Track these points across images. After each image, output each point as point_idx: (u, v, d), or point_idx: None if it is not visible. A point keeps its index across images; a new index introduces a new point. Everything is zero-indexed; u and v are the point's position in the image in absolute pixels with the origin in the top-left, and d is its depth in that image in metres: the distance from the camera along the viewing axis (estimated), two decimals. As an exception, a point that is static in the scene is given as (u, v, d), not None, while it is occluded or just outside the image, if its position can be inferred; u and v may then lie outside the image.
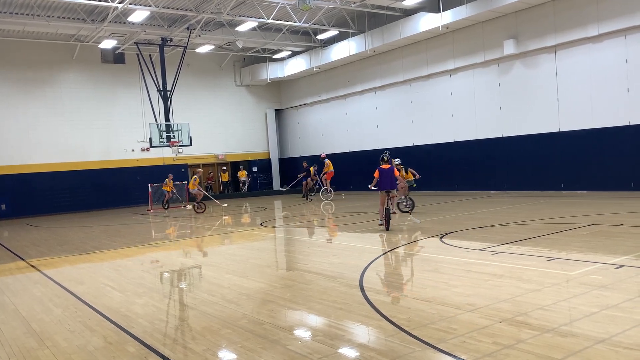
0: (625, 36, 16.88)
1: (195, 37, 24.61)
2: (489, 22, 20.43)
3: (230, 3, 21.03)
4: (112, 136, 27.44)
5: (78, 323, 6.16)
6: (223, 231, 15.18)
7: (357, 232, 12.98)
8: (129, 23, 22.35)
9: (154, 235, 15.66)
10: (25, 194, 24.98)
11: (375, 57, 25.56)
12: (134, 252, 11.98)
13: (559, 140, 18.86)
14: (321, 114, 30.13)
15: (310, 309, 6.23)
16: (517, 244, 9.35)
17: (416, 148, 23.96)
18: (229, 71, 31.46)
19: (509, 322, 5.12)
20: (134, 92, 27.71)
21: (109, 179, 26.95)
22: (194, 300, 7.10)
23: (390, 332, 5.11)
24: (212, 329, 5.60)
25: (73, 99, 26.52)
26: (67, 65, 26.40)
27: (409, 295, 6.40)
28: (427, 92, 23.68)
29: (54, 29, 22.38)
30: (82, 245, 13.54)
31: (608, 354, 4.19)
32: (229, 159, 31.43)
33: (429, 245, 10.17)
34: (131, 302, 7.05)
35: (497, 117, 20.83)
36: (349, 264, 8.88)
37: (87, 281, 8.80)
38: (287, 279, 8.20)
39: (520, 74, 19.98)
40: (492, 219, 13.04)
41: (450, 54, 22.17)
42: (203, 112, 29.86)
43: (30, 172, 25.25)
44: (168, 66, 25.33)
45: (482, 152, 21.39)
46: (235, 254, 11.37)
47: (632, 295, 5.75)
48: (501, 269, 7.49)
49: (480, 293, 6.28)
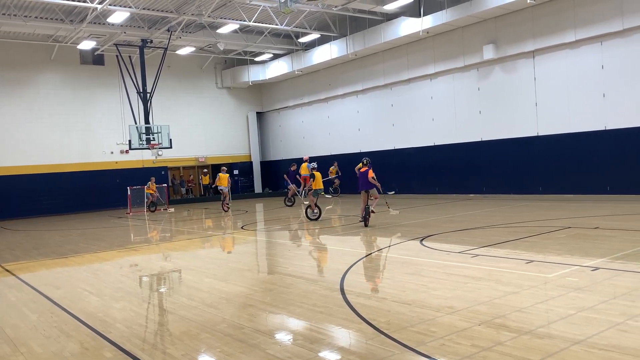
0: (601, 42, 17.21)
1: (175, 38, 24.43)
2: (469, 27, 20.66)
3: (211, 5, 20.93)
4: (91, 138, 27.08)
5: (54, 328, 6.05)
6: (203, 234, 15.07)
7: (339, 235, 12.99)
8: (109, 24, 22.10)
9: (133, 238, 15.47)
10: (0, 196, 24.49)
11: (357, 60, 25.67)
12: (113, 256, 11.82)
13: (537, 144, 19.13)
14: (303, 117, 30.13)
15: (291, 312, 6.21)
16: (496, 247, 9.45)
17: (397, 151, 24.09)
18: (210, 73, 31.29)
19: (488, 325, 5.16)
20: (113, 93, 27.40)
21: (87, 181, 26.58)
22: (173, 304, 7.02)
23: (370, 335, 5.12)
24: (191, 333, 5.55)
25: (51, 100, 26.13)
26: (45, 66, 26.00)
27: (389, 298, 6.42)
28: (407, 96, 23.84)
29: (31, 29, 22.02)
30: (59, 249, 13.32)
31: (584, 355, 4.25)
32: (209, 162, 31.24)
33: (409, 248, 10.22)
34: (109, 307, 6.95)
35: (476, 121, 21.06)
36: (329, 267, 8.88)
37: (64, 286, 8.66)
38: (268, 283, 8.16)
39: (499, 79, 20.23)
40: (471, 222, 13.16)
41: (430, 59, 22.36)
42: (184, 115, 29.66)
43: (7, 175, 24.77)
44: (148, 68, 25.10)
45: (462, 156, 21.59)
46: (216, 258, 11.29)
47: (607, 297, 5.85)
48: (480, 271, 7.55)
49: (459, 296, 6.33)
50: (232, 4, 21.34)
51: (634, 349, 4.33)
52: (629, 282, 6.46)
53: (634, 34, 16.44)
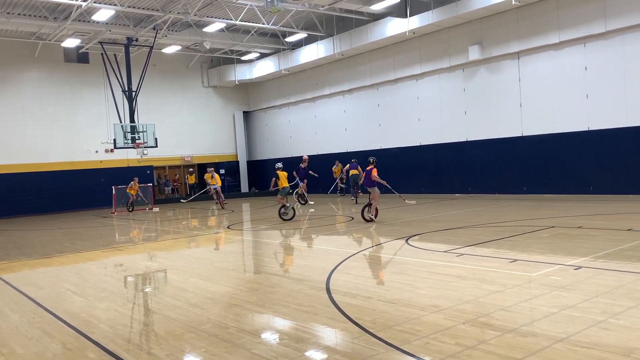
0: (585, 44, 17.42)
1: (161, 37, 24.26)
2: (455, 28, 20.79)
3: (197, 3, 20.82)
4: (75, 137, 26.79)
5: (36, 329, 5.98)
6: (189, 234, 14.98)
7: (325, 235, 13.00)
8: (93, 22, 21.88)
9: (118, 238, 15.34)
10: (-18, 196, 24.16)
11: (344, 60, 25.70)
12: (97, 256, 11.70)
13: (521, 145, 19.32)
14: (290, 117, 30.09)
15: (276, 312, 6.21)
16: (481, 246, 9.52)
17: (383, 151, 24.16)
18: (196, 72, 31.12)
19: (472, 323, 5.20)
20: (98, 92, 27.13)
21: (71, 180, 26.29)
22: (157, 304, 6.98)
23: (355, 334, 5.13)
24: (176, 333, 5.51)
25: (34, 98, 25.80)
26: (28, 64, 25.66)
27: (375, 297, 6.44)
28: (394, 96, 23.92)
29: (14, 26, 21.71)
30: (42, 249, 13.16)
31: (566, 353, 4.30)
32: (195, 161, 31.07)
33: (395, 248, 10.26)
34: (93, 307, 6.88)
35: (462, 121, 21.20)
36: (315, 266, 8.88)
37: (47, 286, 8.56)
38: (254, 282, 8.15)
39: (484, 79, 20.39)
40: (456, 222, 13.25)
41: (416, 59, 22.46)
42: (169, 114, 29.46)
43: (-12, 174, 24.44)
44: (133, 66, 24.89)
45: (448, 156, 21.72)
46: (201, 258, 11.24)
47: (590, 295, 5.92)
48: (465, 270, 7.61)
49: (444, 294, 6.37)
50: (219, 2, 21.25)
51: (615, 347, 4.39)
52: (611, 280, 6.55)
53: (616, 35, 16.66)
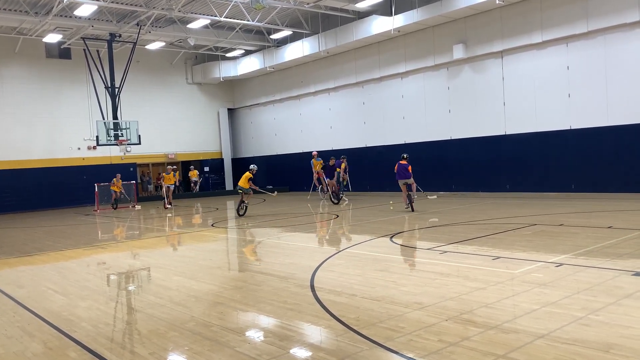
0: (567, 44, 17.63)
1: (145, 33, 24.04)
2: (439, 27, 20.90)
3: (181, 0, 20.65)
4: (57, 134, 26.44)
5: (16, 328, 5.90)
6: (172, 232, 14.88)
7: (309, 233, 13.00)
8: (76, 17, 21.60)
9: (101, 236, 15.18)
10: (-39, 193, 23.75)
11: (329, 58, 25.69)
12: (79, 254, 11.57)
13: (505, 143, 19.50)
14: (275, 114, 30.02)
15: (261, 310, 6.19)
16: (464, 244, 9.60)
17: (369, 149, 24.23)
18: (180, 69, 30.90)
19: (455, 320, 5.24)
20: (80, 88, 26.80)
21: (53, 178, 25.95)
22: (140, 303, 6.92)
23: (339, 331, 5.14)
24: (159, 332, 5.48)
25: (15, 94, 25.40)
26: (8, 59, 25.26)
27: (359, 295, 6.46)
28: (379, 94, 23.99)
29: (-6, 20, 21.37)
30: (23, 247, 12.97)
31: (547, 349, 4.35)
32: (179, 159, 30.86)
33: (379, 245, 10.29)
34: (74, 306, 6.80)
35: (446, 119, 21.33)
36: (300, 264, 8.88)
37: (28, 284, 8.44)
38: (238, 281, 8.12)
39: (468, 78, 20.53)
40: (440, 219, 13.33)
41: (401, 57, 22.54)
42: (153, 110, 29.21)
43: (-33, 171, 24.03)
44: (116, 62, 24.64)
45: (432, 154, 21.85)
46: (185, 256, 11.17)
47: (571, 292, 6.00)
48: (448, 268, 7.66)
49: (427, 292, 6.41)
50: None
51: (595, 342, 4.45)
52: (591, 277, 6.65)
53: (598, 35, 16.89)
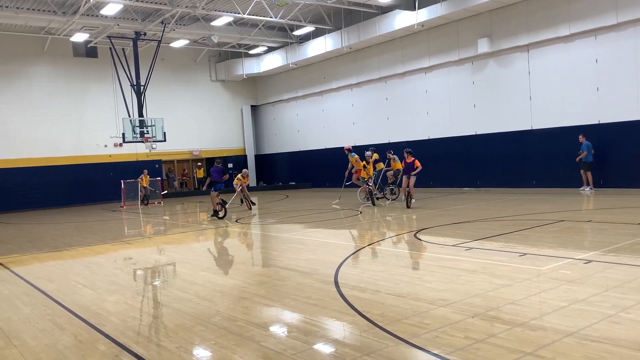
0: (595, 36, 17.25)
1: (169, 31, 24.29)
2: (464, 21, 20.65)
3: (205, -3, 20.81)
4: (84, 131, 26.93)
5: (47, 321, 6.04)
6: (197, 228, 15.05)
7: (333, 229, 13.01)
8: (102, 16, 21.93)
9: (127, 232, 15.43)
10: (-7, 190, 24.36)
11: (352, 54, 25.61)
12: (106, 249, 11.78)
13: (531, 138, 19.19)
14: (297, 111, 30.07)
15: (285, 305, 6.22)
16: (490, 240, 9.49)
17: (391, 145, 24.07)
18: (204, 66, 31.15)
19: (481, 317, 5.19)
20: (106, 86, 27.23)
21: (81, 175, 26.45)
22: (167, 297, 7.02)
23: (364, 327, 5.13)
24: (185, 326, 5.55)
25: (44, 93, 25.94)
26: (37, 58, 25.80)
27: (383, 291, 6.44)
28: (402, 90, 23.83)
29: (23, 20, 21.81)
30: (52, 242, 13.26)
31: (576, 347, 4.28)
32: (203, 155, 31.15)
33: (403, 241, 10.24)
34: (103, 300, 6.93)
35: (471, 114, 21.09)
36: (324, 260, 8.89)
37: (58, 279, 8.63)
38: (262, 276, 8.17)
39: (493, 73, 20.25)
40: (465, 216, 13.20)
41: (425, 52, 22.35)
42: (177, 108, 29.51)
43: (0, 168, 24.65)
44: (142, 60, 24.96)
45: (456, 150, 21.63)
46: (210, 251, 11.29)
47: (600, 289, 5.89)
48: (474, 264, 7.58)
49: (453, 288, 6.36)
50: (226, -4, 21.23)
51: (625, 341, 4.36)
52: (621, 274, 6.51)
53: (627, 27, 16.48)
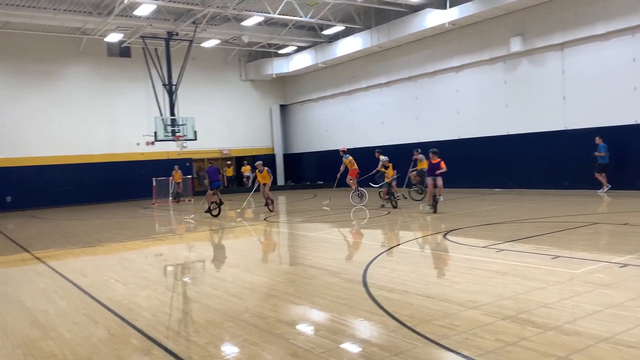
0: (633, 35, 16.77)
1: (201, 31, 24.59)
2: (496, 19, 20.34)
3: (236, -3, 21.00)
4: (118, 130, 27.49)
5: (82, 315, 6.19)
6: (227, 226, 15.20)
7: (362, 228, 12.98)
8: (135, 17, 22.35)
9: (158, 228, 15.69)
10: (30, 186, 25.06)
11: (381, 53, 25.50)
12: (138, 245, 12.01)
13: (564, 139, 18.78)
14: (326, 110, 30.10)
15: (313, 303, 6.24)
16: (521, 242, 9.33)
17: (421, 145, 23.85)
18: (234, 66, 31.46)
19: (512, 320, 5.11)
20: (139, 85, 27.74)
21: (113, 172, 27.01)
22: (197, 293, 7.12)
23: (392, 327, 5.11)
24: (215, 322, 5.61)
25: (79, 92, 26.59)
26: (73, 58, 26.46)
27: (412, 292, 6.39)
28: (432, 89, 23.62)
29: (60, 21, 22.42)
30: (86, 238, 13.59)
31: (611, 352, 4.18)
32: (233, 154, 31.46)
33: (433, 242, 10.16)
34: (135, 295, 7.07)
35: (502, 114, 20.77)
36: (352, 259, 8.88)
37: (91, 274, 8.84)
38: (291, 274, 8.21)
39: (526, 72, 19.89)
40: (496, 217, 13.01)
41: (456, 51, 22.10)
42: (208, 107, 29.87)
43: (35, 165, 25.34)
44: (173, 60, 25.35)
45: (487, 150, 21.33)
46: (239, 248, 11.40)
47: (636, 294, 5.73)
48: (505, 266, 7.47)
49: (483, 290, 6.27)
50: (257, -4, 21.38)
51: (663, 347, 4.24)
52: (658, 279, 6.32)
53: (667, 25, 15.98)
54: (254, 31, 25.86)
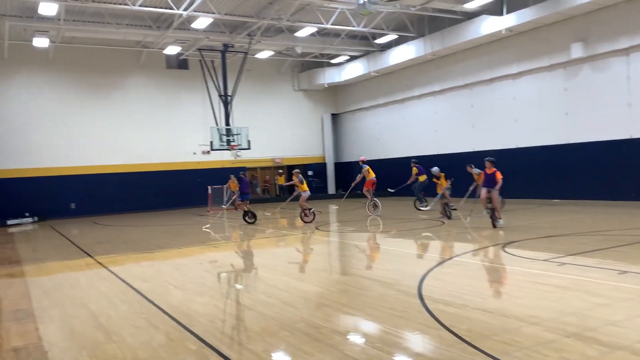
0: None
1: (255, 43, 25.06)
2: (556, 25, 19.70)
3: (290, 9, 21.31)
4: (175, 139, 28.32)
5: (142, 319, 6.38)
6: (279, 234, 15.35)
7: (414, 239, 12.79)
8: (193, 29, 23.05)
9: (213, 235, 16.02)
10: (93, 193, 26.14)
11: (435, 60, 25.19)
12: (194, 252, 12.30)
13: (630, 148, 17.90)
14: (378, 119, 29.97)
15: (368, 315, 6.18)
16: (585, 256, 8.93)
17: (477, 154, 23.34)
18: (287, 76, 31.87)
19: (577, 337, 4.89)
20: (196, 96, 28.51)
21: (171, 180, 27.80)
22: (251, 301, 7.20)
23: (450, 342, 4.99)
24: (270, 330, 5.65)
25: (139, 102, 27.61)
26: (133, 70, 27.53)
27: (470, 305, 6.23)
28: (488, 97, 23.10)
29: (122, 35, 23.40)
30: (145, 244, 14.03)
31: (688, 377, 3.92)
32: (285, 163, 31.79)
33: (490, 255, 9.89)
34: (192, 301, 7.22)
35: (562, 123, 20.04)
36: (406, 271, 8.76)
37: (150, 279, 9.10)
38: (343, 284, 8.17)
39: (588, 78, 19.13)
40: (557, 229, 12.53)
41: (513, 58, 21.54)
42: (261, 117, 30.33)
43: (98, 173, 26.43)
44: (229, 71, 25.93)
45: (546, 159, 20.62)
46: (291, 257, 11.47)
47: None
48: (567, 281, 7.17)
49: (544, 305, 6.04)
50: (310, 7, 21.59)
51: None
52: None
53: None
54: (306, 42, 26.12)
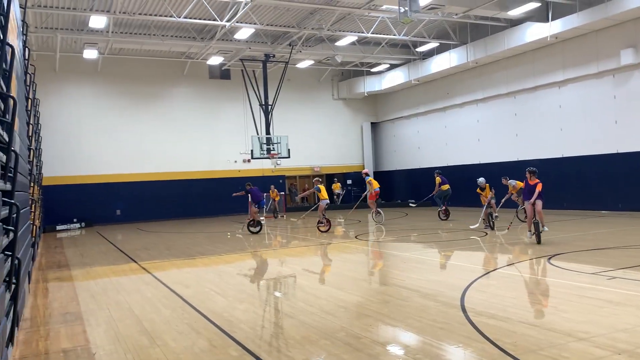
0: None
1: (296, 52, 25.30)
2: (604, 31, 19.13)
3: (331, 18, 21.44)
4: (217, 148, 28.82)
5: (185, 325, 6.48)
6: (317, 242, 15.35)
7: (457, 250, 12.58)
8: (235, 40, 23.47)
9: (253, 243, 16.16)
10: (137, 200, 26.85)
11: (477, 68, 24.84)
12: (235, 259, 12.43)
13: (684, 157, 17.17)
14: (418, 127, 29.71)
15: (409, 326, 6.10)
16: (636, 269, 8.58)
17: (521, 163, 22.83)
18: (327, 85, 32.00)
19: (629, 354, 4.69)
20: (237, 106, 28.95)
21: (212, 188, 28.27)
22: (292, 309, 7.21)
23: (494, 355, 4.87)
24: (311, 339, 5.65)
25: (182, 112, 28.25)
26: (177, 80, 28.21)
27: (514, 319, 6.07)
28: (533, 105, 22.59)
29: (167, 47, 24.04)
30: (187, 250, 14.28)
31: None
32: (324, 172, 31.85)
33: (536, 267, 9.62)
34: (233, 308, 7.30)
35: (612, 131, 19.38)
36: (447, 282, 8.61)
37: (193, 285, 9.25)
38: (383, 294, 8.10)
39: (639, 86, 18.46)
40: (606, 241, 12.09)
41: (559, 65, 21.02)
42: (301, 125, 30.53)
43: (142, 181, 27.13)
44: (270, 81, 26.26)
45: (594, 169, 19.97)
46: (331, 266, 11.45)
47: None
48: (618, 295, 6.89)
49: (593, 320, 5.82)
50: (351, 16, 21.68)
51: None
52: None
53: None
54: (347, 50, 26.19)
